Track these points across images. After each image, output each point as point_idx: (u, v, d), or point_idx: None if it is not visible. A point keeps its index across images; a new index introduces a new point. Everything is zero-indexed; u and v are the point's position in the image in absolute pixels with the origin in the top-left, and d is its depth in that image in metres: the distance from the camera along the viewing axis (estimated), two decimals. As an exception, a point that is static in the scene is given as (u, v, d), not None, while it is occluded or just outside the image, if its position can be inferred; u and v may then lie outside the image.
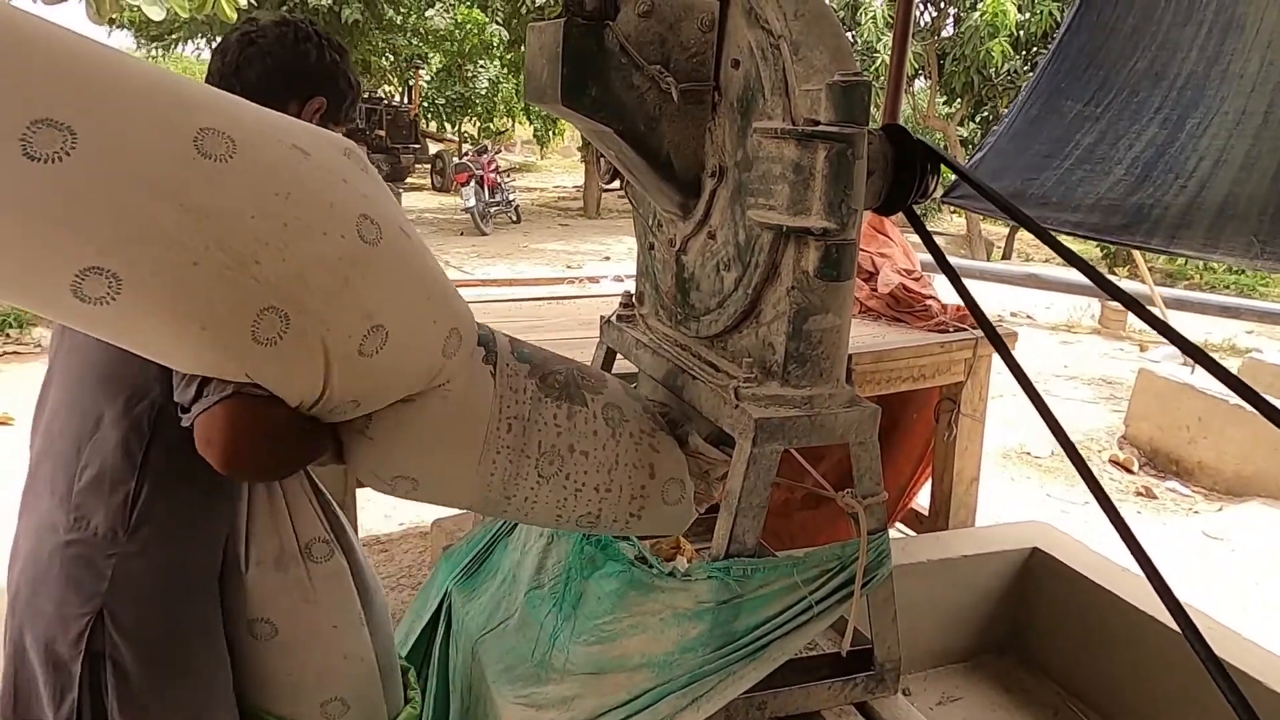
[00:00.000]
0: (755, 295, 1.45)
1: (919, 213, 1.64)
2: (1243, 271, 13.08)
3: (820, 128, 1.28)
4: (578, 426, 1.42)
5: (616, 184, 1.78)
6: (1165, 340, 1.46)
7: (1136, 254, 7.38)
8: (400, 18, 15.25)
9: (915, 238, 1.71)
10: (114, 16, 5.14)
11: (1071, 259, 1.48)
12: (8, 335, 6.57)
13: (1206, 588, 3.65)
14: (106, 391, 1.31)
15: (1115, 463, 5.30)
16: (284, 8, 13.58)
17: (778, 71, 1.35)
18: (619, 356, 1.94)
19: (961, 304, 1.69)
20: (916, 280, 3.17)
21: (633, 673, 1.48)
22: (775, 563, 1.44)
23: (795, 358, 1.41)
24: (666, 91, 1.44)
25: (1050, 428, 1.39)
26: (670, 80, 1.43)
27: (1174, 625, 1.49)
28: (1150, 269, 9.21)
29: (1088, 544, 2.79)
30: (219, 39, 1.48)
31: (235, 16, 4.76)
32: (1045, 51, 3.18)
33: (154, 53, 15.50)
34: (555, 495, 1.42)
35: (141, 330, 1.05)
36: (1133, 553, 1.29)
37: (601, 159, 1.70)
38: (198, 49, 15.81)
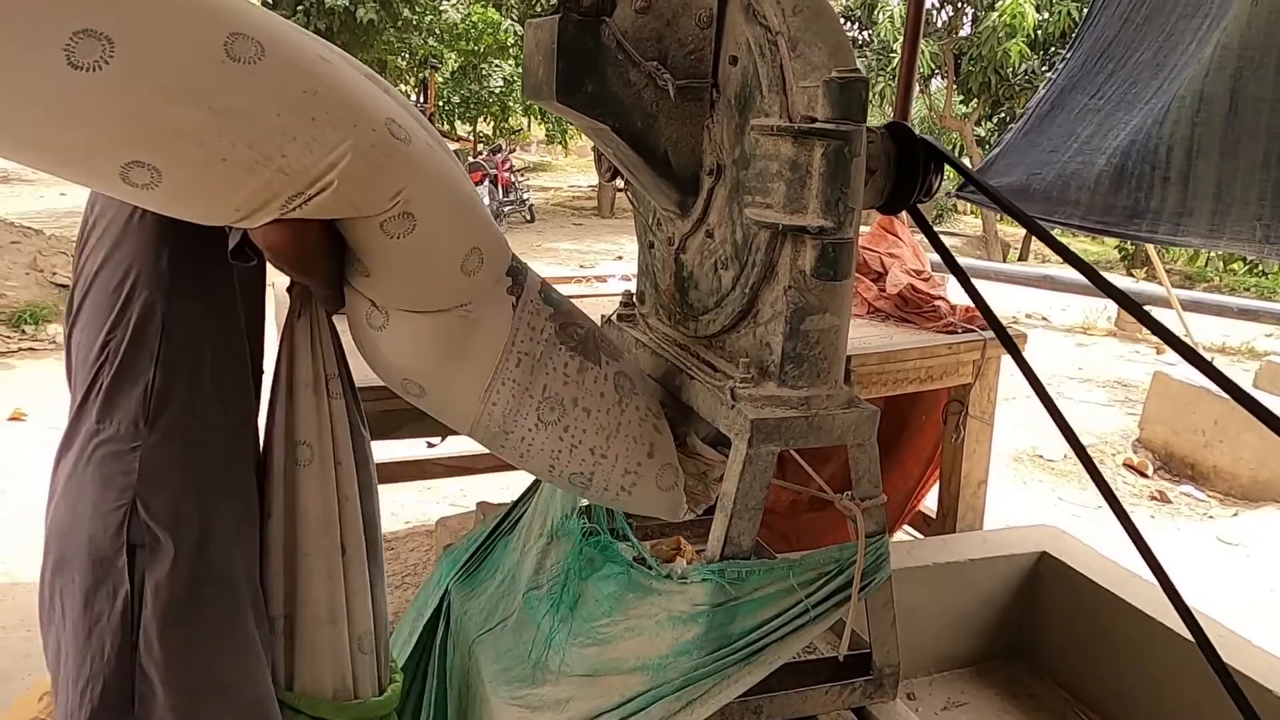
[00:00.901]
0: (753, 295, 1.43)
1: (935, 213, 1.63)
2: (1264, 272, 12.95)
3: (817, 125, 1.26)
4: (586, 383, 1.45)
5: (620, 180, 1.77)
6: (1183, 340, 1.44)
7: (1153, 256, 7.30)
8: (415, 17, 15.30)
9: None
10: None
11: (1070, 258, 1.46)
12: (23, 331, 6.62)
13: (1220, 594, 3.60)
14: (115, 294, 1.37)
15: (1129, 466, 5.25)
16: (300, 7, 13.65)
17: (775, 68, 1.33)
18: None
19: (971, 305, 1.67)
20: (925, 281, 3.14)
21: (627, 675, 1.47)
22: (771, 565, 1.42)
23: (792, 358, 1.39)
24: (663, 88, 1.43)
25: (1060, 427, 1.37)
26: (667, 77, 1.42)
27: (1185, 632, 1.47)
28: (1168, 271, 9.12)
29: (1099, 549, 2.76)
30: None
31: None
32: (1063, 51, 3.13)
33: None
34: (551, 444, 1.45)
35: (187, 207, 1.17)
36: (1145, 558, 1.27)
37: (602, 156, 1.69)
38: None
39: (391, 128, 1.19)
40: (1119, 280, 10.33)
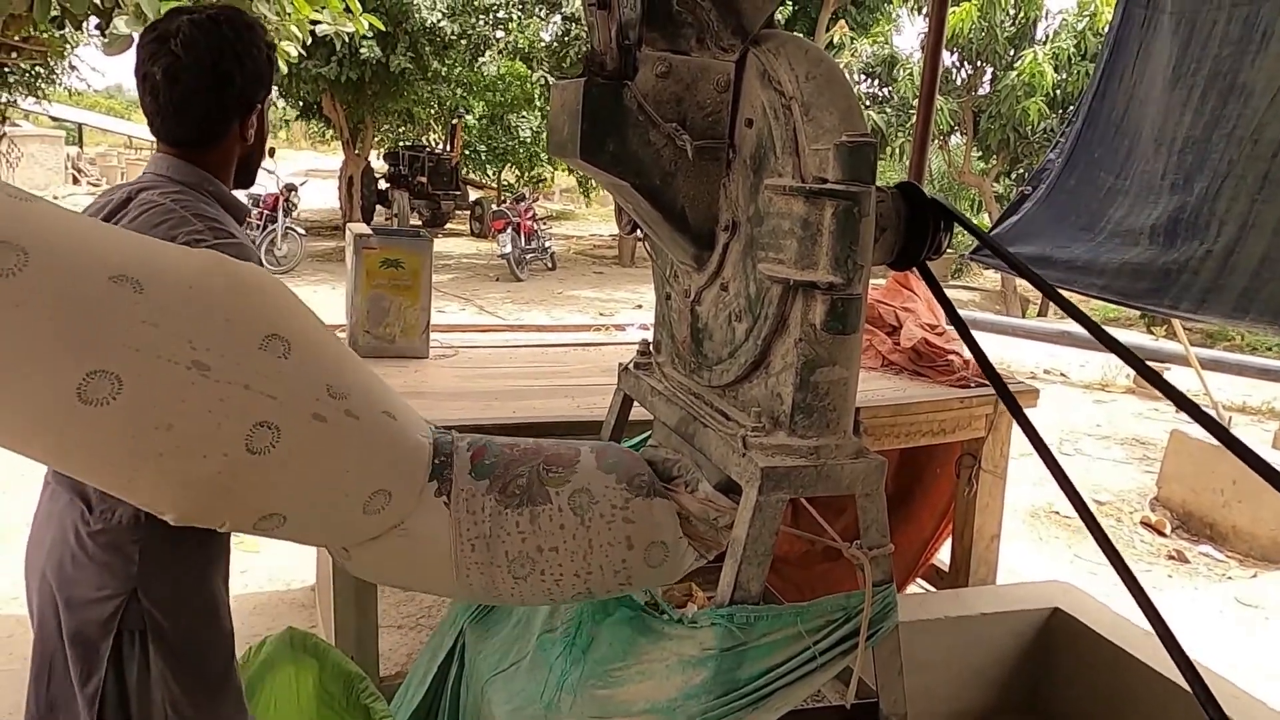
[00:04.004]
0: (765, 346, 1.48)
1: (953, 268, 1.68)
2: (1286, 333, 12.85)
3: (828, 185, 1.32)
4: (542, 527, 1.45)
5: (639, 232, 1.83)
6: (1202, 398, 1.47)
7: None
8: (445, 69, 15.67)
9: (949, 292, 1.73)
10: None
11: (1079, 318, 1.51)
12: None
13: (1238, 656, 3.56)
14: None
15: (1147, 525, 5.21)
16: (334, 59, 14.02)
17: (789, 131, 1.40)
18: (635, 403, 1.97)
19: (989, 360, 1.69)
20: (940, 335, 3.18)
21: (636, 718, 1.49)
22: (779, 611, 1.45)
23: (802, 408, 1.43)
24: (682, 148, 1.49)
25: (1059, 483, 1.40)
26: (686, 137, 1.48)
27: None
28: (1189, 329, 9.09)
29: (1115, 607, 2.75)
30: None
31: (285, 70, 4.96)
32: (1073, 116, 3.20)
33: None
34: (537, 588, 1.47)
35: None
36: (1144, 609, 1.29)
37: (622, 210, 1.76)
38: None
39: (253, 439, 1.13)
40: (1138, 338, 10.31)
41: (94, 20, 4.14)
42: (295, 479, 1.19)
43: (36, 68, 14.87)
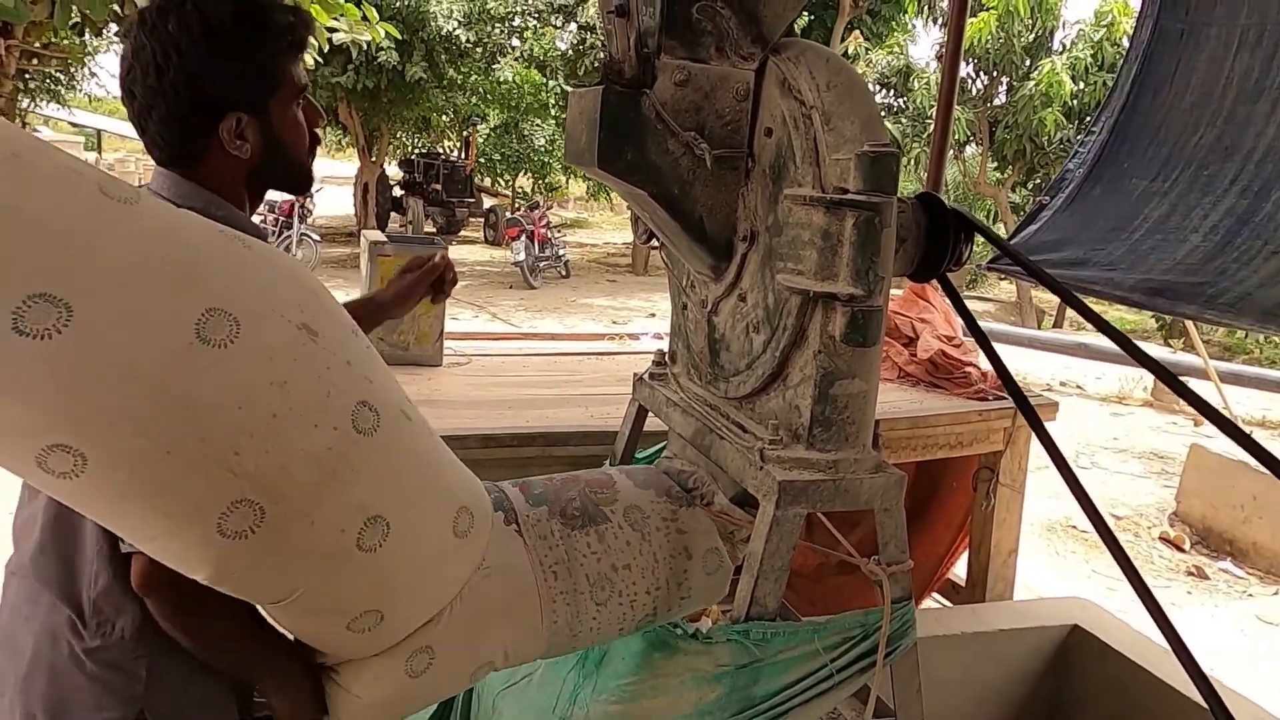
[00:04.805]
0: (783, 358, 1.46)
1: (968, 278, 1.66)
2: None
3: (849, 196, 1.30)
4: (611, 545, 1.45)
5: (656, 242, 1.81)
6: (1221, 412, 1.44)
7: (1190, 327, 7.22)
8: (461, 77, 15.74)
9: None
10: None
11: (1105, 328, 1.48)
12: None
13: (1259, 674, 3.50)
14: None
15: (1165, 540, 5.15)
16: (350, 67, 14.09)
17: (809, 140, 1.38)
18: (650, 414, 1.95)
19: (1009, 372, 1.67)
20: (957, 347, 3.15)
21: (650, 734, 1.47)
22: (796, 627, 1.42)
23: (821, 421, 1.41)
24: (700, 157, 1.47)
25: (1078, 499, 1.37)
26: (704, 146, 1.47)
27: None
28: (1207, 342, 9.01)
29: (1133, 624, 2.71)
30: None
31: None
32: (1092, 126, 3.18)
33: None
34: (615, 614, 1.45)
35: (102, 507, 1.01)
36: (1160, 626, 1.26)
37: (639, 219, 1.74)
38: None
39: (358, 418, 1.06)
40: (1155, 350, 10.23)
41: (114, 26, 4.17)
42: (395, 472, 1.12)
43: (57, 74, 15.03)
